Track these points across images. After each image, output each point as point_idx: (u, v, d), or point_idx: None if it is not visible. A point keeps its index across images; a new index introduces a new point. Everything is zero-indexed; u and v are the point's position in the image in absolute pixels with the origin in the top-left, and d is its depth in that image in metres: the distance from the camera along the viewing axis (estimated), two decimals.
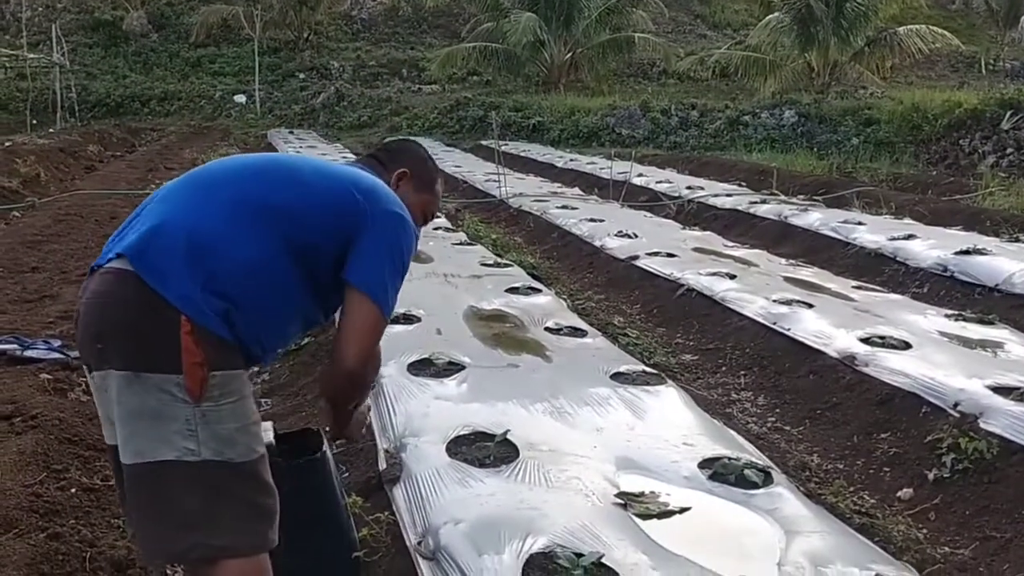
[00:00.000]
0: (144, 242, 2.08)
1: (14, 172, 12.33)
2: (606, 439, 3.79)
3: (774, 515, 3.19)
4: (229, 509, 2.07)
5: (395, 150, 2.70)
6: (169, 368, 2.01)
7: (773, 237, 9.72)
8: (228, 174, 2.30)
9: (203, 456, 2.04)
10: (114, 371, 2.05)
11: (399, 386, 4.36)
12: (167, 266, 2.04)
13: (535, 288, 6.78)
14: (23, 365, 4.58)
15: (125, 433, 2.06)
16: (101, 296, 2.09)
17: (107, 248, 2.20)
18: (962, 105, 17.83)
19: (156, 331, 2.02)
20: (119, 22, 33.19)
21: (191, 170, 2.41)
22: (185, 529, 2.05)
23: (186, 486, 2.04)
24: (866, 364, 5.00)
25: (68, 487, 3.40)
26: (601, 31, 28.41)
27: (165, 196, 2.25)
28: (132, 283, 2.05)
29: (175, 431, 2.02)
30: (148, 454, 2.03)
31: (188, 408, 2.03)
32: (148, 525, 2.12)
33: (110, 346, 2.05)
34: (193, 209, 2.15)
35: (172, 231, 2.09)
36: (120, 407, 2.05)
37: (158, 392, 2.02)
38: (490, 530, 2.89)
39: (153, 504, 2.07)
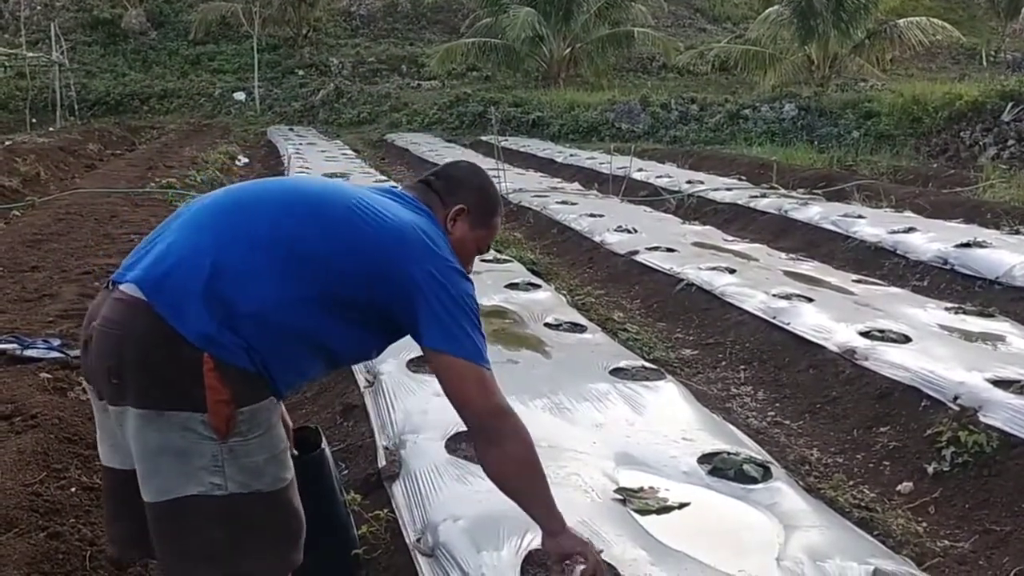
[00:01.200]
0: (160, 274, 1.98)
1: (14, 171, 12.31)
2: (605, 435, 3.79)
3: (773, 510, 3.19)
4: (255, 537, 2.04)
5: (455, 179, 2.42)
6: (193, 407, 1.94)
7: (773, 231, 9.71)
8: (261, 204, 2.13)
9: (230, 490, 1.98)
10: (133, 409, 1.96)
11: (398, 383, 4.35)
12: (185, 302, 1.94)
13: (534, 284, 6.78)
14: (23, 364, 4.57)
15: (146, 469, 1.99)
16: (115, 327, 1.98)
17: (130, 260, 2.10)
18: (963, 97, 17.80)
19: (178, 369, 1.94)
20: (118, 20, 33.20)
21: (223, 189, 2.29)
22: (210, 561, 2.01)
23: (211, 520, 1.99)
24: (866, 358, 5.00)
25: (68, 486, 3.40)
26: (600, 25, 28.41)
27: (192, 220, 2.11)
28: (148, 317, 1.94)
29: (200, 467, 1.96)
30: (172, 491, 1.97)
31: (215, 445, 1.96)
32: (173, 560, 2.06)
33: (128, 384, 1.96)
34: (215, 241, 2.02)
35: (191, 264, 1.98)
36: (139, 444, 1.97)
37: (182, 430, 1.95)
38: (489, 527, 2.88)
39: (178, 539, 2.02)
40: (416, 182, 2.44)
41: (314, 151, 18.45)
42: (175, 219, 2.17)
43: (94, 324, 2.04)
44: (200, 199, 2.25)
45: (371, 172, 15.50)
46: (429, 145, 20.46)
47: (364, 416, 4.21)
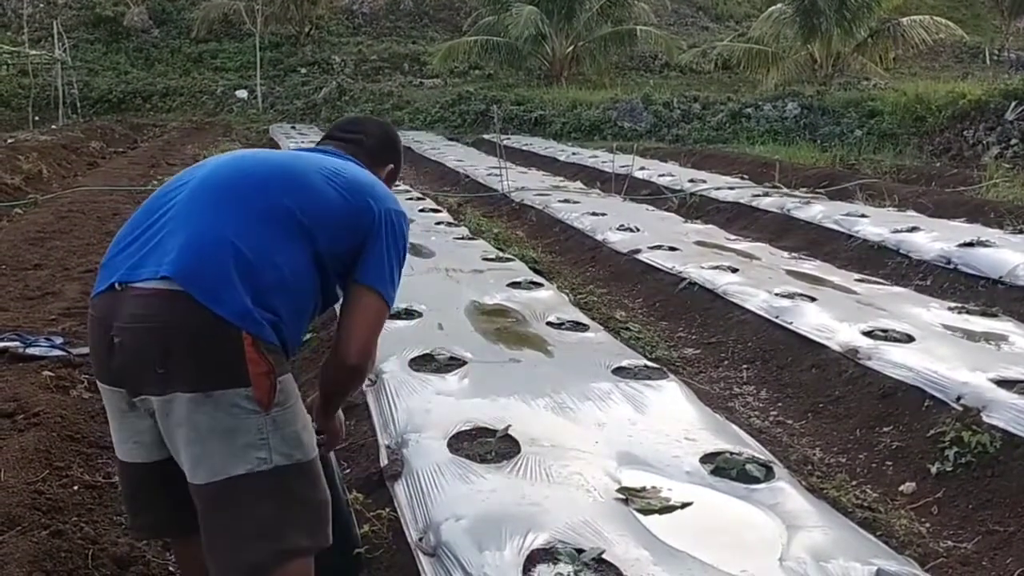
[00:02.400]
0: (193, 263, 2.08)
1: (17, 169, 12.32)
2: (608, 434, 3.79)
3: (776, 510, 3.18)
4: (299, 510, 2.17)
5: (385, 140, 2.74)
6: (237, 383, 2.06)
7: (775, 230, 9.70)
8: (252, 181, 2.28)
9: (274, 463, 2.11)
10: (182, 394, 2.06)
11: (400, 382, 4.36)
12: (220, 286, 2.07)
13: (537, 282, 6.77)
14: (25, 362, 4.58)
15: (196, 453, 2.09)
16: (151, 320, 2.07)
17: (123, 261, 2.17)
18: (966, 96, 17.78)
19: (220, 350, 2.06)
20: (120, 18, 33.16)
21: (203, 167, 2.39)
22: (259, 539, 2.12)
23: (260, 496, 2.10)
24: (869, 357, 4.99)
25: (70, 484, 3.40)
26: (603, 24, 28.39)
27: (191, 206, 2.21)
28: (186, 305, 2.05)
29: (247, 444, 2.08)
30: (221, 471, 2.08)
31: (259, 418, 2.09)
32: (223, 540, 2.15)
33: (176, 370, 2.06)
34: (229, 222, 2.16)
35: (217, 249, 2.10)
36: (189, 429, 2.07)
37: (230, 407, 2.06)
38: (491, 526, 2.89)
39: (228, 519, 2.11)
40: (347, 140, 2.67)
41: None
42: (165, 208, 2.24)
43: (118, 324, 2.10)
44: (179, 182, 2.34)
45: None
46: (431, 143, 20.46)
47: (366, 415, 4.20)
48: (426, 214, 10.23)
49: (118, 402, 2.22)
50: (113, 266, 2.20)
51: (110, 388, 2.23)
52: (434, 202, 11.55)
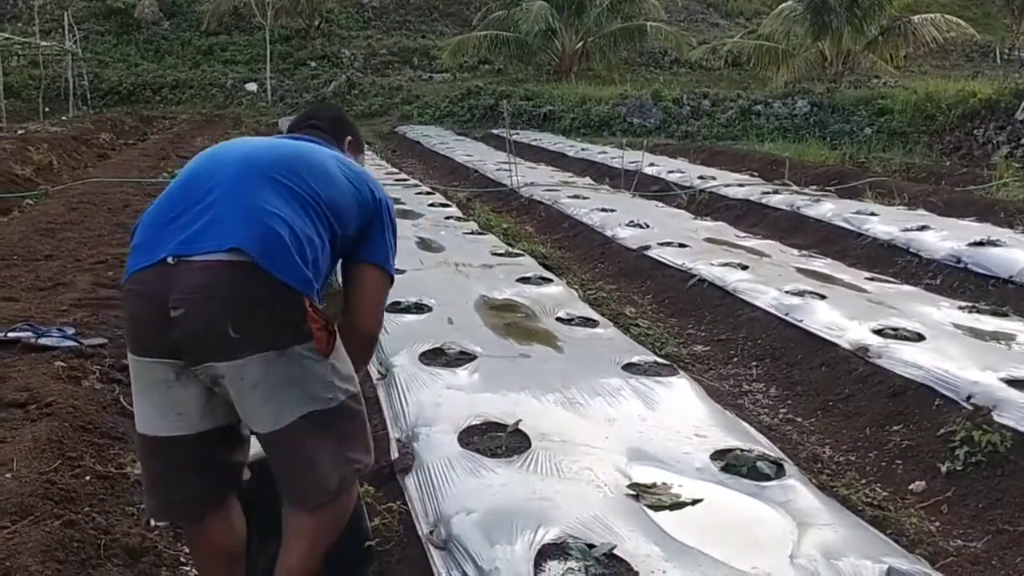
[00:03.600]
0: (259, 236, 2.26)
1: (27, 160, 12.35)
2: (618, 430, 3.79)
3: (786, 507, 3.18)
4: (357, 431, 2.46)
5: (336, 120, 2.97)
6: (303, 339, 2.29)
7: (785, 228, 9.68)
8: (289, 167, 2.46)
9: (339, 399, 2.38)
10: (255, 355, 2.24)
11: (411, 375, 4.37)
12: (283, 257, 2.27)
13: (546, 278, 6.78)
14: (37, 353, 4.59)
15: (273, 407, 2.29)
16: (220, 289, 2.23)
17: (170, 236, 2.29)
18: (976, 95, 17.72)
19: (288, 311, 2.28)
20: (131, 10, 33.23)
21: (229, 150, 2.56)
22: (335, 462, 2.38)
23: (329, 427, 2.36)
24: (879, 356, 4.98)
25: (82, 475, 3.41)
26: (613, 19, 28.35)
27: (237, 186, 2.37)
28: (253, 274, 2.23)
29: (318, 387, 2.33)
30: (296, 412, 2.30)
31: (323, 364, 2.34)
32: (302, 473, 2.37)
33: (249, 334, 2.24)
34: (276, 202, 2.35)
35: (274, 225, 2.29)
36: (264, 387, 2.27)
37: (299, 359, 2.29)
38: (502, 520, 2.89)
39: (307, 452, 2.35)
40: (307, 127, 2.89)
41: None
42: (205, 188, 2.38)
43: (179, 296, 2.22)
44: (210, 164, 2.50)
45: (382, 164, 15.52)
46: (440, 138, 20.47)
47: (376, 408, 4.20)
48: (435, 209, 10.24)
49: (163, 375, 2.32)
50: (157, 242, 2.31)
51: (158, 361, 2.31)
52: (443, 197, 11.55)
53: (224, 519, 2.51)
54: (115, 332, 5.03)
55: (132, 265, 2.34)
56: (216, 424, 2.38)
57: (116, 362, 4.62)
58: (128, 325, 2.41)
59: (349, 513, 2.54)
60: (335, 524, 2.49)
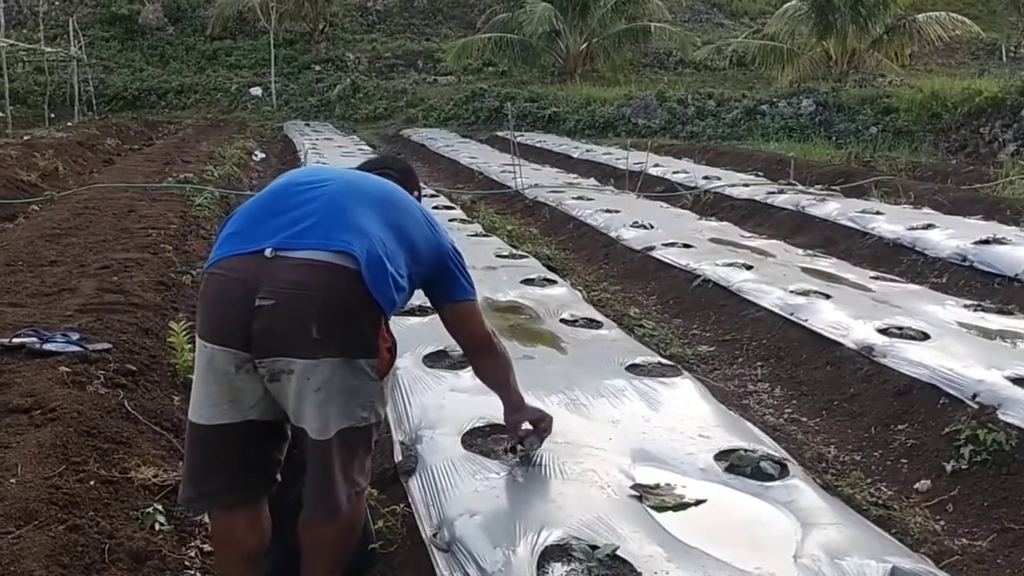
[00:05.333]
0: (366, 248, 2.37)
1: (33, 166, 12.38)
2: (622, 431, 3.79)
3: (790, 507, 3.17)
4: (364, 457, 2.53)
5: (408, 173, 3.09)
6: (370, 354, 2.41)
7: (790, 227, 9.67)
8: (386, 199, 2.63)
9: (370, 421, 2.47)
10: (329, 359, 2.34)
11: (414, 378, 4.37)
12: (381, 277, 2.37)
13: (550, 279, 6.78)
14: (42, 358, 4.59)
15: (326, 412, 2.37)
16: (316, 289, 2.33)
17: (270, 232, 2.40)
18: (982, 93, 17.67)
19: (368, 325, 2.39)
20: (135, 16, 33.31)
21: (325, 167, 2.81)
22: (348, 482, 2.45)
23: (353, 446, 2.45)
24: (884, 355, 4.98)
25: (87, 479, 3.41)
26: (617, 20, 28.33)
27: (342, 200, 2.50)
28: (350, 281, 2.34)
29: (360, 404, 2.42)
30: (335, 427, 2.39)
31: (375, 384, 2.45)
32: (320, 490, 2.45)
33: (331, 337, 2.33)
34: (378, 225, 2.48)
35: (376, 242, 2.41)
36: (326, 391, 2.35)
37: (360, 373, 2.39)
38: (505, 523, 2.89)
39: (330, 466, 2.41)
40: (381, 173, 2.93)
41: (330, 146, 18.50)
42: (309, 196, 2.50)
43: (272, 288, 2.30)
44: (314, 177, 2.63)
45: None
46: (445, 140, 20.48)
47: None
48: (439, 211, 10.22)
49: (227, 364, 2.38)
50: (256, 233, 2.41)
51: (225, 349, 2.38)
52: (448, 199, 11.56)
53: (252, 517, 2.56)
54: (120, 337, 5.04)
55: (224, 251, 2.42)
56: (261, 418, 2.46)
57: (121, 367, 4.63)
58: (205, 309, 2.46)
59: (360, 528, 2.63)
60: (347, 538, 2.58)
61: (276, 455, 2.57)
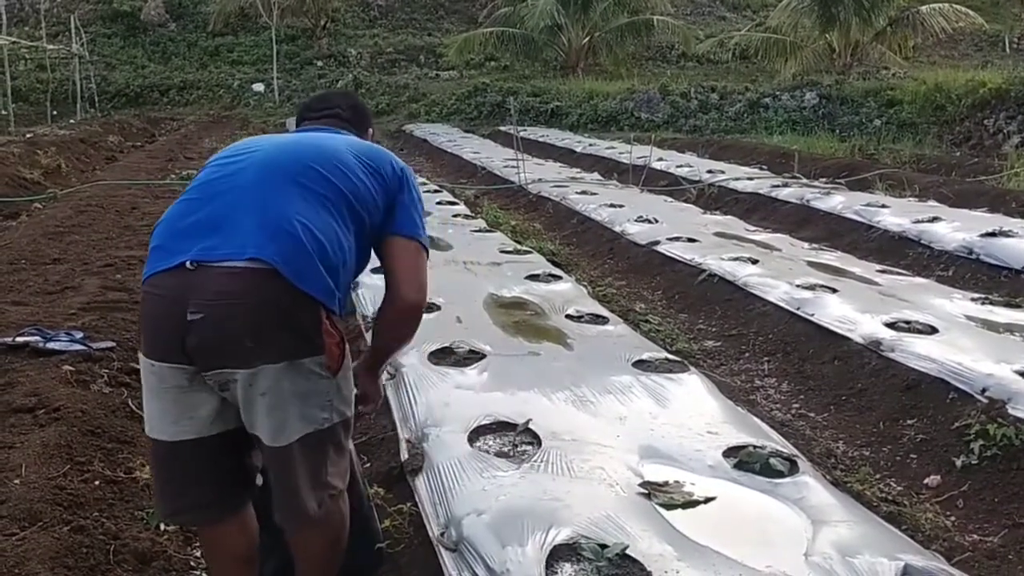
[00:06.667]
0: (280, 244, 2.24)
1: (35, 163, 12.38)
2: (629, 428, 3.76)
3: (800, 504, 3.15)
4: (337, 459, 2.41)
5: (358, 110, 2.99)
6: (315, 351, 2.28)
7: (795, 221, 9.64)
8: (307, 166, 2.43)
9: (333, 421, 2.35)
10: (269, 365, 2.23)
11: (420, 375, 4.34)
12: (305, 266, 2.25)
13: (555, 275, 6.74)
14: (45, 357, 4.58)
15: (277, 419, 2.27)
16: (242, 296, 2.21)
17: (190, 241, 2.27)
18: (986, 85, 17.62)
19: (305, 322, 2.26)
20: (137, 12, 33.29)
21: (249, 150, 2.52)
22: (313, 488, 2.35)
23: (315, 450, 2.34)
24: (892, 349, 4.94)
25: (91, 479, 3.40)
26: (619, 14, 28.24)
27: (256, 189, 2.35)
28: (275, 282, 2.21)
29: (316, 405, 2.31)
30: (295, 433, 2.29)
31: (329, 382, 2.32)
32: (287, 493, 2.36)
33: (266, 343, 2.22)
34: (298, 205, 2.32)
35: (296, 231, 2.27)
36: (272, 396, 2.25)
37: (307, 374, 2.27)
38: (513, 521, 2.86)
39: (292, 474, 2.32)
40: (326, 115, 2.87)
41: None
42: (224, 190, 2.37)
43: (199, 301, 2.20)
44: (230, 165, 2.47)
45: None
46: (448, 136, 20.44)
47: (386, 408, 4.18)
48: (443, 207, 10.21)
49: (177, 380, 2.29)
50: (176, 245, 2.29)
51: (172, 366, 2.29)
52: (451, 195, 11.52)
53: (239, 525, 2.50)
54: (123, 335, 5.03)
55: (151, 268, 2.32)
56: (227, 428, 2.37)
57: (125, 365, 4.61)
58: (144, 328, 2.37)
59: (343, 529, 2.53)
60: (330, 541, 2.50)
61: (247, 462, 2.49)
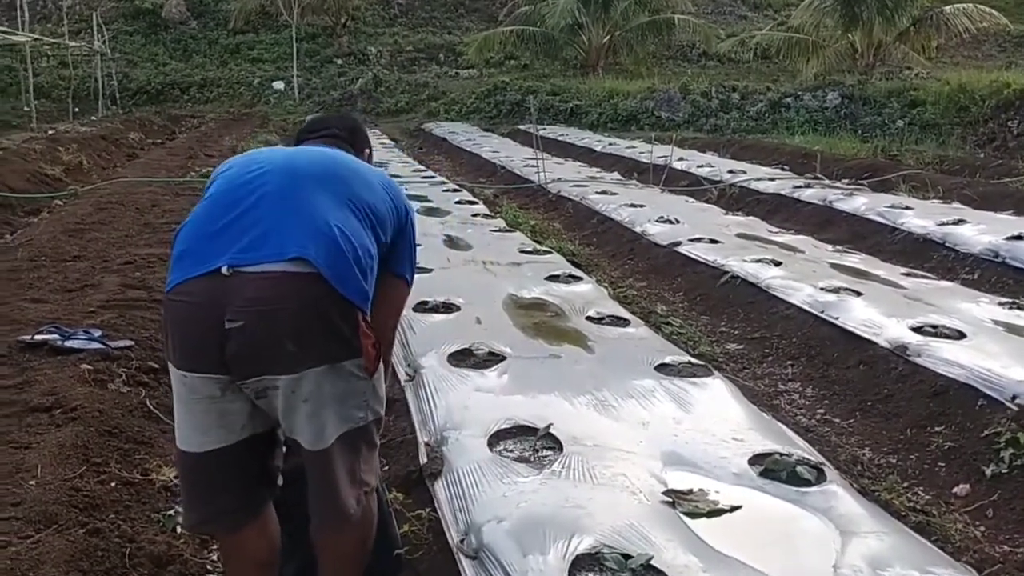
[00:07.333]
0: (322, 247, 2.24)
1: (57, 160, 12.43)
2: (652, 433, 3.70)
3: (828, 514, 3.08)
4: (369, 455, 2.43)
5: (356, 131, 2.93)
6: (353, 354, 2.29)
7: (818, 222, 9.53)
8: (334, 175, 2.46)
9: (368, 419, 2.38)
10: (313, 369, 2.23)
11: (439, 377, 4.29)
12: (346, 271, 2.25)
13: (575, 276, 6.68)
14: (64, 355, 4.56)
15: (319, 423, 2.28)
16: (283, 301, 2.19)
17: (222, 246, 2.23)
18: (1010, 86, 17.42)
19: (344, 325, 2.26)
20: (159, 9, 33.46)
21: (273, 157, 2.51)
22: (351, 485, 2.36)
23: (352, 448, 2.35)
24: (918, 354, 4.85)
25: (108, 481, 3.37)
26: (640, 13, 28.14)
27: (287, 193, 2.34)
28: (316, 285, 2.20)
29: (354, 405, 2.33)
30: (333, 434, 2.30)
31: (366, 383, 2.34)
32: (325, 493, 2.35)
33: (308, 347, 2.21)
34: (331, 211, 2.33)
35: (333, 235, 2.27)
36: (314, 401, 2.26)
37: (347, 376, 2.29)
38: (534, 529, 2.81)
39: (331, 474, 2.32)
40: (325, 136, 2.82)
41: None
42: (252, 196, 2.33)
43: (238, 308, 2.16)
44: (255, 171, 2.42)
45: (409, 161, 15.48)
46: (467, 134, 20.39)
47: (405, 411, 4.14)
48: (462, 206, 10.16)
49: (209, 390, 2.26)
50: (207, 251, 2.24)
51: (205, 376, 2.25)
52: (470, 194, 11.47)
53: (260, 528, 2.47)
54: (142, 334, 5.00)
55: (180, 275, 2.25)
56: (255, 432, 2.36)
57: (143, 364, 4.59)
58: (174, 338, 2.29)
59: (373, 528, 2.52)
60: (362, 540, 2.49)
61: (275, 462, 2.49)
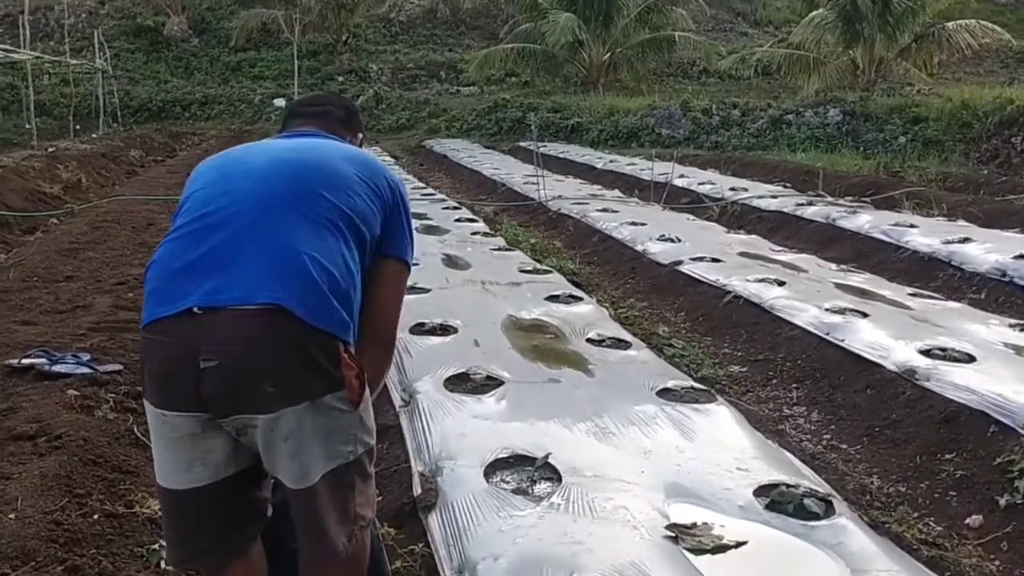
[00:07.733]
0: (289, 281, 2.12)
1: (56, 178, 12.35)
2: (654, 463, 3.58)
3: (838, 550, 2.96)
4: (363, 488, 2.30)
5: (352, 113, 2.82)
6: (335, 387, 2.17)
7: (821, 240, 9.42)
8: (302, 187, 2.31)
9: (358, 453, 2.25)
10: (291, 408, 2.12)
11: (435, 403, 4.18)
12: (319, 302, 2.14)
13: (576, 296, 6.57)
14: (51, 380, 4.44)
15: (302, 461, 2.17)
16: (257, 340, 2.09)
17: (193, 283, 2.12)
18: (1013, 102, 17.34)
19: (324, 359, 2.14)
20: (160, 27, 33.51)
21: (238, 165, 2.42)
22: (342, 522, 2.24)
23: (342, 484, 2.23)
24: (927, 379, 4.73)
25: (90, 513, 3.24)
26: (640, 30, 28.13)
27: (253, 219, 2.21)
28: (289, 323, 2.10)
29: (340, 440, 2.20)
30: (319, 472, 2.18)
31: (351, 416, 2.22)
32: (312, 536, 2.25)
33: (286, 385, 2.11)
34: (301, 234, 2.20)
35: (303, 265, 2.15)
36: (295, 440, 2.14)
37: (329, 411, 2.17)
38: (532, 567, 2.70)
39: (320, 511, 2.21)
40: (317, 115, 2.71)
41: None
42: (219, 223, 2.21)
43: (212, 348, 2.07)
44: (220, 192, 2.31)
45: (409, 178, 15.39)
46: (467, 151, 20.33)
47: (399, 438, 4.02)
48: (462, 224, 10.06)
49: (190, 428, 2.17)
50: (177, 289, 2.14)
51: (184, 414, 2.16)
52: (470, 211, 11.38)
53: (246, 566, 2.37)
54: (132, 357, 4.89)
55: (152, 313, 2.16)
56: (239, 468, 2.26)
57: (132, 389, 4.47)
58: (151, 376, 2.20)
59: (365, 565, 2.39)
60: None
61: (262, 494, 2.38)
